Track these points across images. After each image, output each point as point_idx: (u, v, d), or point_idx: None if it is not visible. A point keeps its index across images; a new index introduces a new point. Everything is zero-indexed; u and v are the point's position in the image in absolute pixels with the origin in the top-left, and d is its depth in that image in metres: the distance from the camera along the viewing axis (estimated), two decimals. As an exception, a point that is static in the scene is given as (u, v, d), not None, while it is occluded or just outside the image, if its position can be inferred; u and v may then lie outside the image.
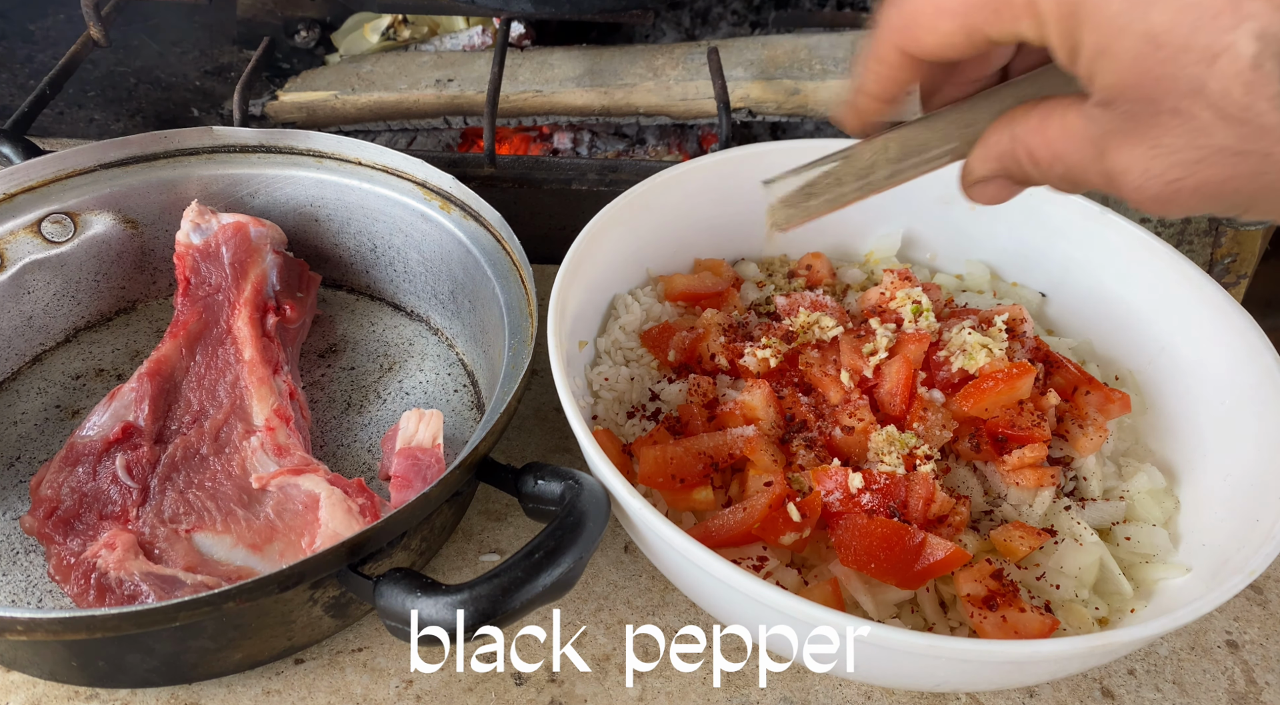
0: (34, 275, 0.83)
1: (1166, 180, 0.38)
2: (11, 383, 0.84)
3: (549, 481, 0.62)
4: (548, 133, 1.28)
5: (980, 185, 0.47)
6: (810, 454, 0.69)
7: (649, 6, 1.15)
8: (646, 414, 0.76)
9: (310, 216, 0.90)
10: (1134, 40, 0.35)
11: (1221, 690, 0.68)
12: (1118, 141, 0.38)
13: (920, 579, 0.64)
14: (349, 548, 0.57)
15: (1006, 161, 0.44)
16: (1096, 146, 0.40)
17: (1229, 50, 0.33)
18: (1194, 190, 0.38)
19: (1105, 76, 0.37)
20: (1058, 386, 0.74)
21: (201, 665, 0.64)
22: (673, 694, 0.66)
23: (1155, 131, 0.37)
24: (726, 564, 0.54)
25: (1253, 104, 0.34)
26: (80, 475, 0.71)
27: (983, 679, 0.60)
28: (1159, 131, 0.37)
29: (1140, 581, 0.68)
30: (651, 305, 0.83)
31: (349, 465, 0.79)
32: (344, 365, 0.87)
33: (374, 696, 0.66)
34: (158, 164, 0.87)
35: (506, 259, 0.79)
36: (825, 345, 0.76)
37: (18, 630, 0.53)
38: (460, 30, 1.31)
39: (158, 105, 1.28)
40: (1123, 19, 0.35)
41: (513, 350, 0.72)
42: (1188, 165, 0.37)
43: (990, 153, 0.45)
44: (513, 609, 0.53)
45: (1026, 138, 0.43)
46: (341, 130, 1.20)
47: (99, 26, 1.06)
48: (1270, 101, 0.33)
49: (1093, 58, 0.37)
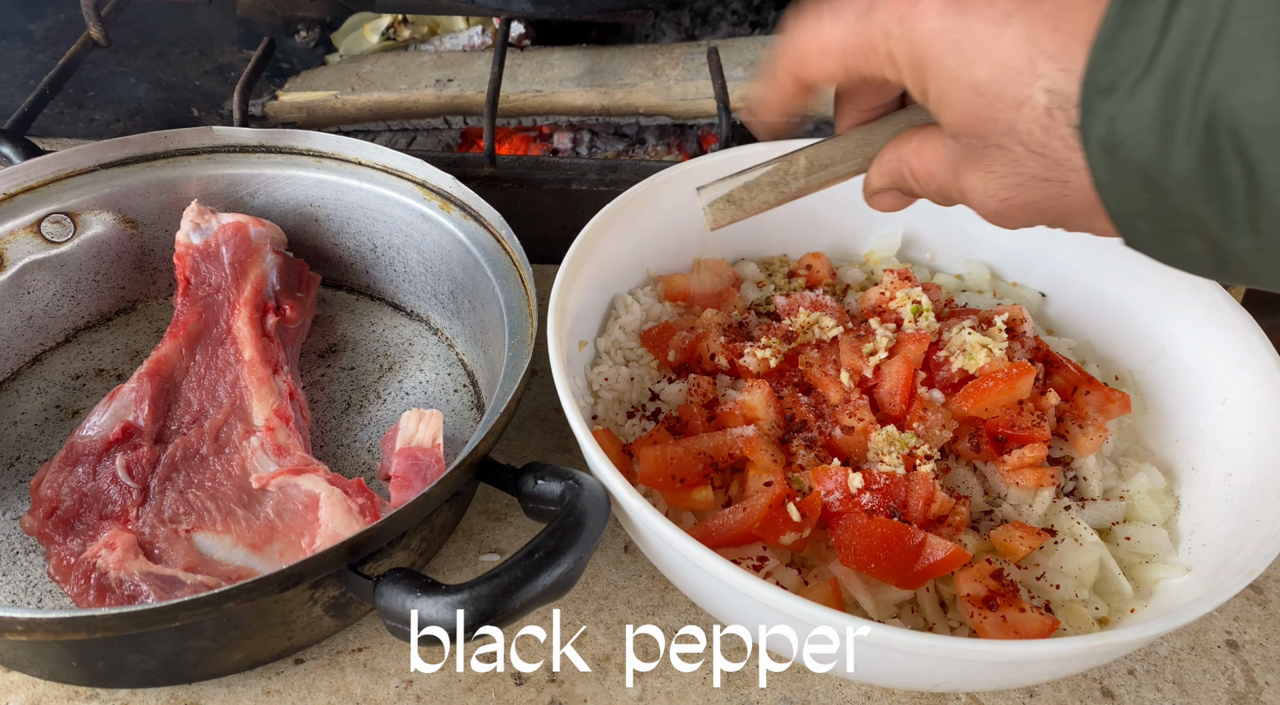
0: (34, 275, 0.83)
1: (1000, 199, 0.46)
2: (11, 383, 0.84)
3: (549, 481, 0.62)
4: (548, 133, 1.28)
5: (878, 196, 0.56)
6: (810, 454, 0.69)
7: (649, 6, 1.15)
8: (646, 414, 0.76)
9: (310, 216, 0.90)
10: (964, 90, 0.44)
11: (1221, 690, 0.68)
12: (965, 167, 0.47)
13: (920, 579, 0.64)
14: (349, 548, 0.57)
15: (895, 177, 0.53)
16: (954, 169, 0.48)
17: (1029, 101, 0.42)
18: (1021, 207, 0.46)
19: (946, 116, 0.46)
20: (1058, 386, 0.74)
21: (201, 665, 0.63)
22: (673, 694, 0.66)
23: (987, 160, 0.45)
24: (726, 564, 0.54)
25: (1049, 142, 0.42)
26: (80, 475, 0.71)
27: (983, 679, 0.60)
28: (989, 161, 0.45)
29: (1140, 581, 0.68)
30: (651, 305, 0.83)
31: (349, 465, 0.79)
32: (344, 365, 0.87)
33: (374, 696, 0.66)
34: (158, 164, 0.87)
35: (506, 259, 0.79)
36: (825, 345, 0.76)
37: (18, 630, 0.53)
38: (460, 30, 1.31)
39: (158, 105, 1.28)
40: (955, 72, 0.44)
41: (513, 350, 0.72)
42: (1012, 188, 0.45)
43: (884, 169, 0.54)
44: (513, 609, 0.53)
45: (909, 159, 0.52)
46: (341, 130, 1.20)
47: (99, 26, 1.06)
48: (1062, 140, 0.41)
49: (937, 101, 0.46)
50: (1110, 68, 0.38)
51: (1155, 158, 0.38)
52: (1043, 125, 0.42)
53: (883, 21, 0.46)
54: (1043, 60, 0.41)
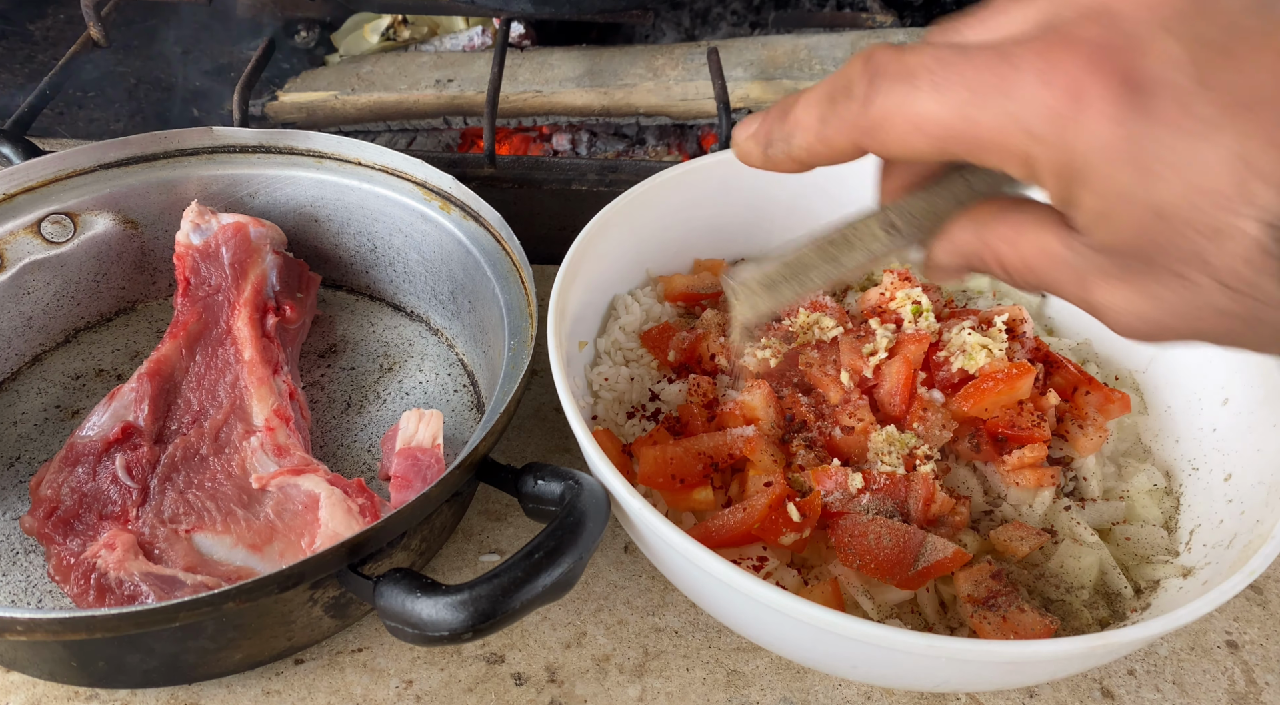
0: (34, 275, 0.83)
1: (1156, 324, 0.39)
2: (11, 383, 0.84)
3: (549, 482, 0.62)
4: (547, 133, 1.28)
5: (943, 271, 0.47)
6: (810, 454, 0.69)
7: (649, 6, 1.15)
8: (646, 414, 0.76)
9: (310, 216, 0.90)
10: (1139, 210, 0.36)
11: (1221, 690, 0.68)
12: (1106, 281, 0.39)
13: (920, 579, 0.64)
14: (349, 548, 0.57)
15: (972, 259, 0.45)
16: (1079, 276, 0.40)
17: (1235, 232, 0.34)
18: (1181, 333, 0.39)
19: (1102, 235, 0.38)
20: (1058, 387, 0.74)
21: (201, 665, 0.63)
22: (673, 694, 0.66)
23: (1150, 284, 0.38)
24: (726, 564, 0.54)
25: (1257, 282, 0.35)
26: (80, 475, 0.71)
27: (983, 679, 0.60)
28: (1154, 285, 0.38)
29: (1140, 581, 0.68)
30: (651, 305, 0.83)
31: (349, 465, 0.79)
32: (344, 365, 0.87)
33: (374, 697, 0.66)
34: (158, 164, 0.87)
35: (506, 259, 0.79)
36: (825, 345, 0.76)
37: (18, 630, 0.53)
38: (460, 30, 1.31)
39: (158, 105, 1.28)
40: (1130, 190, 0.36)
41: (513, 350, 0.72)
42: (1179, 317, 0.38)
43: (956, 249, 0.45)
44: (513, 609, 0.53)
45: (997, 246, 0.43)
46: (341, 130, 1.20)
47: (99, 26, 1.06)
48: (1274, 279, 0.35)
49: (1092, 217, 0.38)
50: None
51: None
52: (1250, 261, 0.35)
53: (1023, 117, 0.36)
54: (1258, 184, 0.33)
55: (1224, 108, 0.34)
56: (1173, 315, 0.38)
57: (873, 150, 0.42)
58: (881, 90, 0.40)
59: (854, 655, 0.57)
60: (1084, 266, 0.40)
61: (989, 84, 0.37)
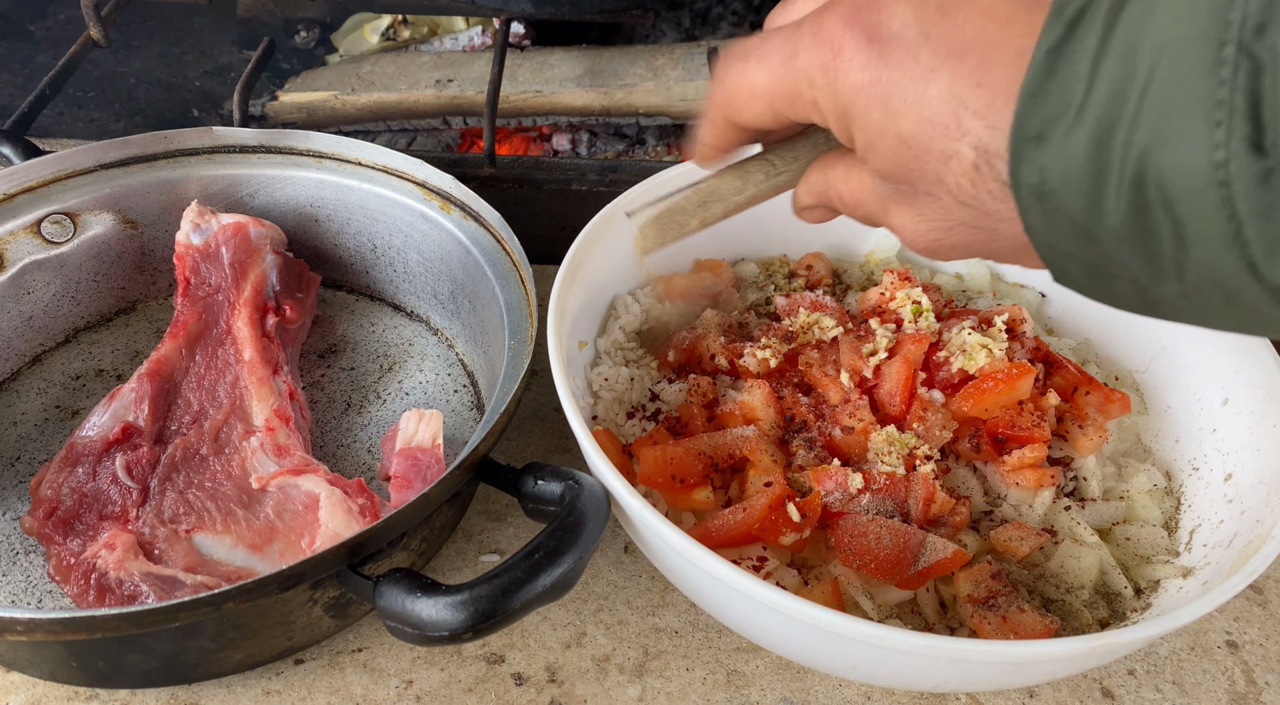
0: (34, 276, 0.83)
1: (930, 238, 0.47)
2: (11, 383, 0.84)
3: (549, 482, 0.62)
4: (547, 133, 1.28)
5: (807, 211, 0.56)
6: (810, 454, 0.69)
7: (649, 6, 1.15)
8: (646, 414, 0.76)
9: (310, 217, 0.90)
10: (891, 141, 0.44)
11: (1221, 690, 0.68)
12: (894, 205, 0.48)
13: (920, 579, 0.64)
14: (349, 548, 0.57)
15: (822, 197, 0.54)
16: (882, 203, 0.49)
17: (956, 155, 0.42)
18: (951, 248, 0.47)
19: (874, 162, 0.46)
20: (1058, 386, 0.74)
21: (201, 665, 0.63)
22: (673, 694, 0.66)
23: (916, 204, 0.46)
24: (726, 564, 0.54)
25: (977, 195, 0.42)
26: (80, 475, 0.71)
27: (983, 679, 0.60)
28: (919, 204, 0.46)
29: (1140, 581, 0.68)
30: (651, 305, 0.83)
31: (349, 465, 0.79)
32: (344, 365, 0.87)
33: (374, 697, 0.66)
34: (158, 164, 0.87)
35: (506, 259, 0.79)
36: (825, 345, 0.76)
37: (18, 630, 0.53)
38: (460, 30, 1.31)
39: (158, 105, 1.28)
40: (881, 124, 0.44)
41: (513, 351, 0.72)
42: (942, 230, 0.46)
43: (811, 189, 0.54)
44: (513, 609, 0.53)
45: (835, 184, 0.52)
46: (341, 130, 1.20)
47: (99, 26, 1.06)
48: (990, 193, 0.42)
49: (863, 148, 0.46)
50: (1039, 116, 0.37)
51: (1086, 208, 0.37)
52: (970, 179, 0.42)
53: (806, 70, 0.46)
54: (968, 116, 0.41)
55: (942, 55, 0.41)
56: (936, 229, 0.46)
57: (734, 120, 0.52)
58: (727, 69, 0.51)
59: (854, 655, 0.57)
60: (882, 194, 0.48)
61: (788, 50, 0.47)
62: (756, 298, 0.86)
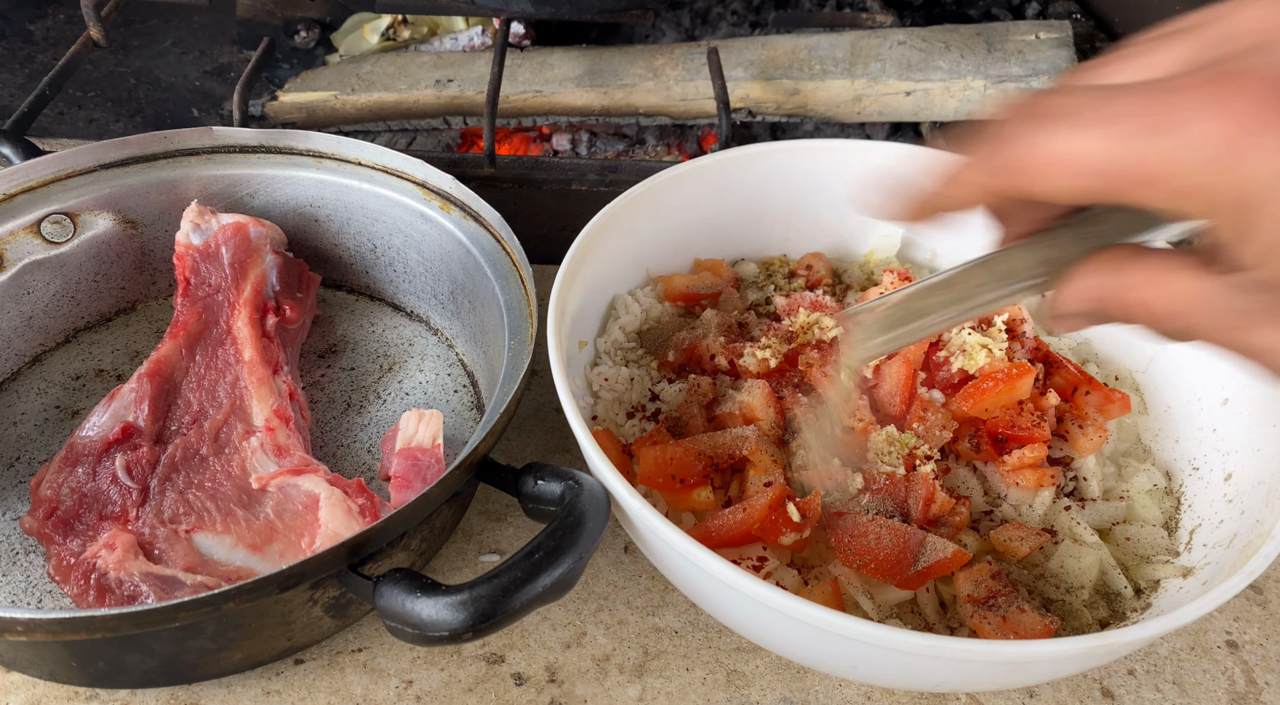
0: (34, 276, 0.83)
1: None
2: (11, 383, 0.84)
3: (549, 482, 0.62)
4: (547, 133, 1.28)
5: (1068, 320, 0.46)
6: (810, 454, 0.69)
7: (649, 6, 1.15)
8: (646, 414, 0.76)
9: (310, 216, 0.90)
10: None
11: (1221, 690, 0.68)
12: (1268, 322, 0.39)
13: (920, 579, 0.64)
14: (349, 548, 0.57)
15: (1102, 305, 0.44)
16: (1235, 319, 0.40)
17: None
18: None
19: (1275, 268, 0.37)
20: (1058, 386, 0.74)
21: (201, 665, 0.63)
22: (673, 694, 0.66)
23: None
24: (726, 564, 0.54)
25: None
26: (80, 476, 0.71)
27: (983, 679, 0.60)
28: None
29: (1140, 581, 0.68)
30: (651, 305, 0.83)
31: (349, 465, 0.79)
32: (344, 365, 0.87)
33: (374, 697, 0.66)
34: (158, 164, 0.87)
35: (506, 259, 0.79)
36: (825, 345, 0.76)
37: (18, 630, 0.53)
38: (460, 30, 1.31)
39: (158, 105, 1.28)
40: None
41: (512, 350, 0.72)
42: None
43: (1087, 294, 0.44)
44: (513, 609, 0.53)
45: (1136, 289, 0.42)
46: (341, 130, 1.20)
47: (99, 26, 1.06)
48: None
49: (1263, 250, 0.37)
50: None
51: None
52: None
53: (1198, 150, 0.36)
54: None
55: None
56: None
57: (1016, 192, 0.42)
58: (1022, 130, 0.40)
59: (854, 655, 0.57)
60: (1242, 307, 0.39)
61: (1157, 118, 0.37)
62: (756, 298, 0.86)
